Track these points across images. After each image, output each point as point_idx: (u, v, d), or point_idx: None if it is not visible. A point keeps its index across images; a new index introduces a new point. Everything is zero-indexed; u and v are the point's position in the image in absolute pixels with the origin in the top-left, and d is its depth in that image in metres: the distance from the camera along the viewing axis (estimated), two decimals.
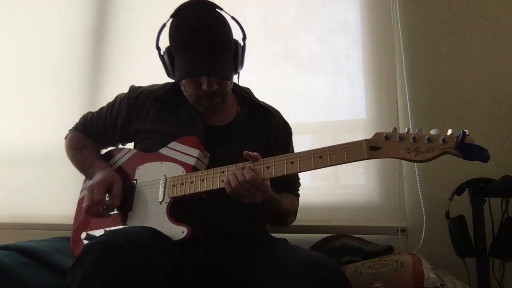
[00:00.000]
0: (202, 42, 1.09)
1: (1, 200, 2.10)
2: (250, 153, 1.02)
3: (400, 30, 1.67)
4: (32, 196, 2.05)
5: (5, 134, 2.20)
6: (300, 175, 1.34)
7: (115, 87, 1.99)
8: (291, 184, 1.31)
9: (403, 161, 1.55)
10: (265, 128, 1.28)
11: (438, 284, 1.04)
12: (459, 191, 1.27)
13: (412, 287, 1.05)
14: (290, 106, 1.69)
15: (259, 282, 0.93)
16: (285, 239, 1.21)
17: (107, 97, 1.89)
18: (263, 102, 1.33)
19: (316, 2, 1.83)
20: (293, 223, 1.33)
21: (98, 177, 1.13)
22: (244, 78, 1.32)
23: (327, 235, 1.51)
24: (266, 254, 1.01)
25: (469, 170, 1.39)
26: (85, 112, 1.43)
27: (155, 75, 1.36)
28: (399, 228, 1.50)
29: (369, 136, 0.93)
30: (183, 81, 1.17)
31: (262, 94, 1.38)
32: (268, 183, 1.03)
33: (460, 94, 1.57)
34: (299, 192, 1.35)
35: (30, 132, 2.15)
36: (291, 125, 1.37)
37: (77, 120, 1.43)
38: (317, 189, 1.69)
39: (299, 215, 1.33)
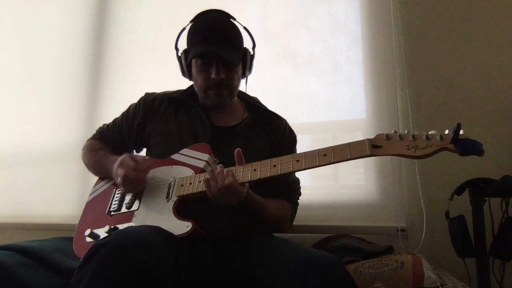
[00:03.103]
0: (216, 35, 1.21)
1: (1, 200, 2.10)
2: (241, 154, 1.07)
3: (400, 30, 1.67)
4: (32, 196, 2.05)
5: (5, 134, 2.20)
6: (300, 174, 1.34)
7: (115, 87, 2.00)
8: (288, 191, 1.31)
9: (403, 161, 1.56)
10: (271, 133, 1.31)
11: (438, 284, 1.04)
12: (459, 191, 1.27)
13: (412, 287, 1.05)
14: (290, 106, 1.69)
15: (262, 281, 0.93)
16: (286, 239, 1.21)
17: (107, 97, 1.89)
18: (270, 110, 1.36)
19: (316, 2, 1.83)
20: (294, 223, 1.33)
21: (120, 157, 1.18)
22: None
23: (327, 235, 1.51)
24: (268, 253, 1.01)
25: (469, 170, 1.39)
26: (84, 112, 1.45)
27: (155, 75, 1.37)
28: (399, 228, 1.51)
29: (369, 136, 0.95)
30: (195, 74, 1.26)
31: (261, 94, 1.38)
32: (246, 187, 1.07)
33: (460, 94, 1.57)
34: (298, 200, 1.34)
35: (30, 132, 2.15)
36: (291, 125, 1.38)
37: (77, 121, 1.44)
38: (317, 189, 1.69)
39: (299, 215, 1.33)
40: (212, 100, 1.27)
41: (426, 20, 1.66)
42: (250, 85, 1.39)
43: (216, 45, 1.20)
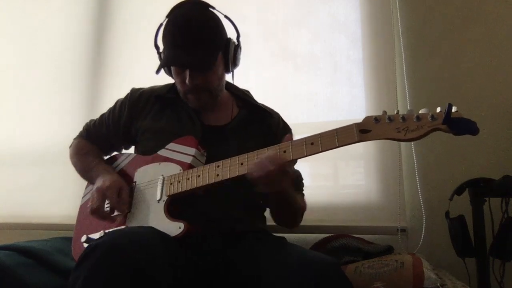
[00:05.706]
0: (185, 36, 1.13)
1: (1, 200, 2.10)
2: None
3: (400, 30, 1.67)
4: (32, 196, 2.05)
5: (5, 134, 2.20)
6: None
7: (115, 87, 1.99)
8: (296, 183, 1.29)
9: (403, 161, 1.56)
10: (264, 129, 1.27)
11: (438, 284, 1.04)
12: (459, 191, 1.27)
13: (413, 287, 1.05)
14: (289, 106, 1.69)
15: (261, 282, 0.93)
16: (283, 238, 1.20)
17: (107, 97, 1.88)
18: (262, 104, 1.33)
19: (315, 2, 1.83)
20: None
21: (107, 181, 1.13)
22: (243, 77, 1.32)
23: (327, 235, 1.50)
24: (266, 253, 1.01)
25: (469, 170, 1.39)
26: (84, 112, 1.44)
27: (155, 75, 1.36)
28: (399, 228, 1.50)
29: None
30: (173, 76, 1.20)
31: (261, 94, 1.38)
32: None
33: (460, 94, 1.57)
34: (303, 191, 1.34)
35: (30, 132, 2.14)
36: (291, 125, 1.37)
37: (78, 119, 1.44)
38: (317, 189, 1.68)
39: None
40: (193, 104, 1.22)
41: (426, 20, 1.66)
42: (249, 85, 1.39)
43: (187, 50, 1.12)
